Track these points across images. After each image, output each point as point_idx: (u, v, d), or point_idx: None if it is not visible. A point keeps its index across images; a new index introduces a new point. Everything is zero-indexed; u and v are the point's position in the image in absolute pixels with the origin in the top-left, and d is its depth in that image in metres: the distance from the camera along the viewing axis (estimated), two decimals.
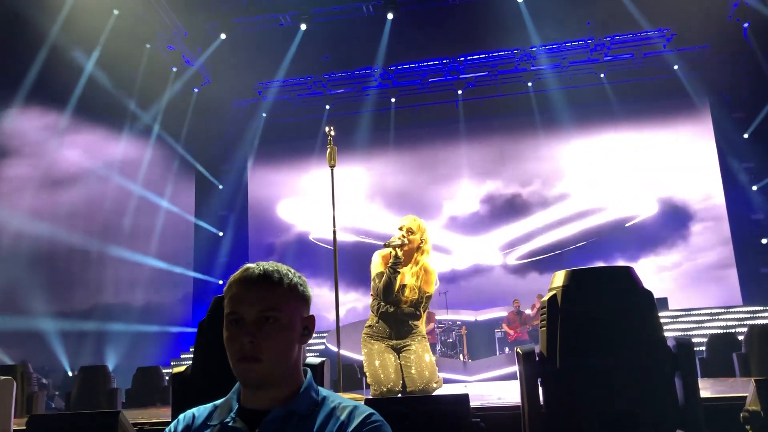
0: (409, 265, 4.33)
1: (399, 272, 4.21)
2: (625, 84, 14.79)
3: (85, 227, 12.71)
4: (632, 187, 14.66)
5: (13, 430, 2.68)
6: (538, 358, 2.44)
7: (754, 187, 14.00)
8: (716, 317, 12.79)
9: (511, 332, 12.09)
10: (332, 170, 4.45)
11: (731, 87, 14.52)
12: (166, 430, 1.40)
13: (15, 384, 2.65)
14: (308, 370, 1.44)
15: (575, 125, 14.83)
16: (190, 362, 2.54)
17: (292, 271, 1.41)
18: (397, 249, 4.20)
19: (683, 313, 13.10)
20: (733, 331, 9.61)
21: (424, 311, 4.37)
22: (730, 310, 13.00)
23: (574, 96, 14.79)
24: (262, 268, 1.37)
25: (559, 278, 2.47)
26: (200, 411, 1.42)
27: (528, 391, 2.42)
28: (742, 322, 12.15)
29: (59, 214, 12.03)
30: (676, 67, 14.30)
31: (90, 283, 12.73)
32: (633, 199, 14.66)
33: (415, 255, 4.37)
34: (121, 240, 13.33)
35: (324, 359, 2.51)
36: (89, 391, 6.53)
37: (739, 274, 14.03)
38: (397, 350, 4.28)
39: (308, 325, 1.41)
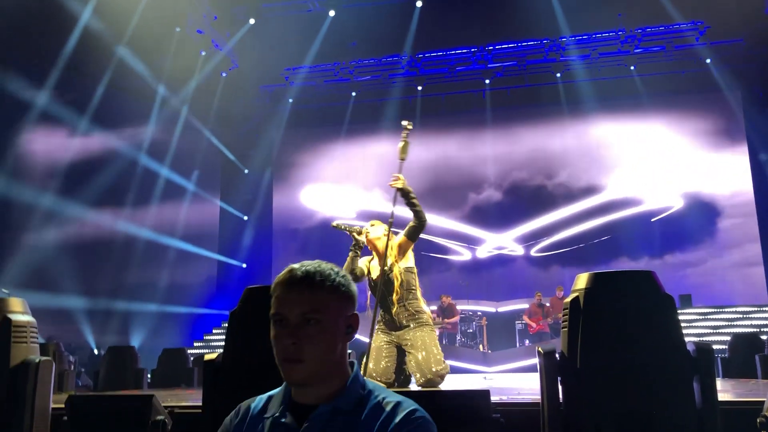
0: (388, 258, 4.43)
1: (357, 253, 4.46)
2: (656, 77, 14.59)
3: (113, 208, 12.93)
4: (659, 182, 14.52)
5: (51, 408, 2.80)
6: (558, 357, 2.49)
7: None
8: (741, 315, 12.66)
9: (533, 324, 12.10)
10: (401, 163, 4.46)
11: (765, 82, 14.28)
12: (227, 418, 1.46)
13: (54, 365, 2.77)
14: (355, 362, 1.47)
15: (603, 118, 14.72)
16: (221, 350, 2.63)
17: (336, 270, 1.42)
18: (356, 236, 4.47)
19: (713, 310, 12.97)
20: (757, 330, 9.52)
21: (405, 286, 4.42)
22: (762, 308, 12.82)
23: (603, 88, 14.65)
24: (304, 269, 1.39)
25: (582, 280, 2.51)
26: (257, 402, 1.47)
27: (548, 389, 2.47)
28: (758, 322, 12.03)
29: (88, 195, 12.24)
30: (708, 60, 14.08)
31: (116, 263, 12.94)
32: (660, 193, 14.51)
33: (387, 247, 4.44)
34: (147, 221, 13.54)
35: (350, 351, 2.58)
36: (117, 371, 6.69)
37: (766, 272, 13.84)
38: (401, 348, 4.38)
39: (352, 323, 1.42)
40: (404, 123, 4.56)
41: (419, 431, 1.31)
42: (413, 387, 4.41)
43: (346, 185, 15.86)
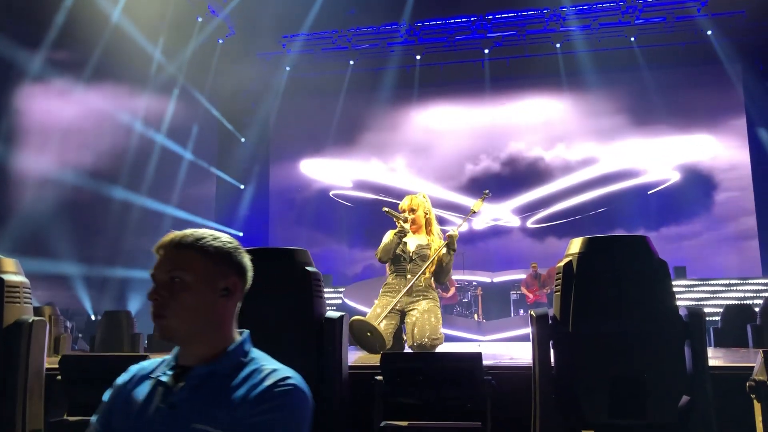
0: (425, 236, 4.73)
1: (401, 239, 4.62)
2: (656, 48, 14.47)
3: (110, 175, 12.86)
4: (657, 155, 14.50)
5: (46, 368, 2.81)
6: (551, 321, 2.50)
7: None
8: (733, 288, 12.74)
9: (530, 295, 12.17)
10: (471, 213, 4.90)
11: (765, 55, 14.18)
12: (118, 378, 1.49)
13: (48, 325, 2.77)
14: (245, 332, 1.47)
15: (602, 89, 14.62)
16: None
17: (217, 236, 1.45)
18: (402, 223, 4.62)
19: (700, 282, 13.06)
20: (749, 302, 9.61)
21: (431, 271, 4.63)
22: (747, 281, 12.94)
23: (603, 59, 14.52)
24: (176, 233, 1.45)
25: (575, 245, 2.51)
26: (149, 363, 1.50)
27: (540, 353, 2.48)
28: (759, 294, 12.13)
29: (84, 162, 12.17)
30: (709, 32, 13.95)
31: (113, 229, 12.92)
32: (657, 166, 14.50)
33: (428, 228, 4.77)
34: (143, 189, 13.50)
35: (343, 314, 2.59)
36: (113, 335, 6.73)
37: (761, 245, 13.92)
38: (403, 312, 4.49)
39: (229, 287, 1.42)
40: (486, 192, 4.96)
41: (286, 397, 1.32)
42: (406, 350, 4.51)
43: (344, 154, 15.81)
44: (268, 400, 1.31)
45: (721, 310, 7.05)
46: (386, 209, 4.70)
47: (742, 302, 10.63)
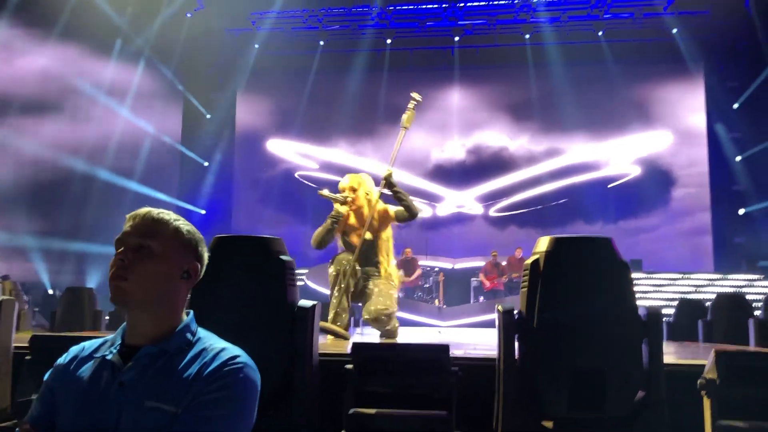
0: (367, 217, 4.66)
1: (337, 225, 4.61)
2: (622, 44, 14.70)
3: (71, 148, 12.60)
4: (618, 149, 14.80)
5: (14, 347, 2.80)
6: (517, 317, 2.59)
7: (738, 158, 14.18)
8: (679, 281, 13.02)
9: (487, 283, 12.34)
10: (404, 131, 4.72)
11: (727, 55, 14.54)
12: (59, 360, 1.48)
13: (17, 304, 2.75)
14: (191, 312, 1.50)
15: (569, 82, 14.79)
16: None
17: (188, 224, 1.50)
18: (339, 207, 4.60)
19: (646, 276, 13.34)
20: (700, 297, 9.94)
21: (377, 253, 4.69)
22: (690, 275, 13.20)
23: (571, 52, 14.69)
24: (153, 209, 1.47)
25: (542, 243, 2.60)
26: (91, 344, 1.51)
27: (505, 346, 2.57)
28: (701, 289, 12.45)
29: (44, 133, 11.90)
30: (675, 30, 14.24)
31: (73, 203, 12.67)
32: (618, 160, 14.81)
33: (368, 209, 4.66)
34: (105, 162, 13.25)
35: (315, 302, 2.64)
36: (74, 312, 6.65)
37: (714, 241, 14.37)
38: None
39: (189, 270, 1.46)
40: (414, 94, 4.82)
41: (235, 374, 1.35)
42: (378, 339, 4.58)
43: (311, 135, 15.75)
44: (219, 378, 1.34)
45: (672, 302, 7.31)
46: (322, 192, 4.67)
47: (690, 296, 10.94)
